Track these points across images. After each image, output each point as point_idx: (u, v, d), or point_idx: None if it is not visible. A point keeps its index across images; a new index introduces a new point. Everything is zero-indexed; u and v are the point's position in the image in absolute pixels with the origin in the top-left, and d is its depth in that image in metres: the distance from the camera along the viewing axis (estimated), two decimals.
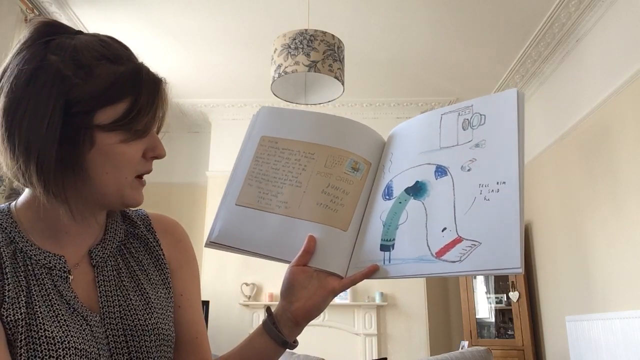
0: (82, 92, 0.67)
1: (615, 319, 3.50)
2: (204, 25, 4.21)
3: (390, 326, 5.24)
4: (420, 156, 0.80)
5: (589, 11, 3.80)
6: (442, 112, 0.82)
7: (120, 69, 0.69)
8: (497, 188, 0.70)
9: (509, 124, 0.74)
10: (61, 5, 3.91)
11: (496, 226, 0.68)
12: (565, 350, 4.21)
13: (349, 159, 0.84)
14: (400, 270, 0.74)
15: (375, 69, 4.88)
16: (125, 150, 0.70)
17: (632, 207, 3.37)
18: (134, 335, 0.72)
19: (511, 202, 0.68)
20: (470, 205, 0.71)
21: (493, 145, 0.74)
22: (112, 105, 0.68)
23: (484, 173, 0.72)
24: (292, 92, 3.21)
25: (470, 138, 0.76)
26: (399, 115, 5.68)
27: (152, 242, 0.83)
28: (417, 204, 0.76)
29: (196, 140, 6.11)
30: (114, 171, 0.70)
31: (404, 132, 0.86)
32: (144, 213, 0.86)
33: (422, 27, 4.21)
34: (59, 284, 0.70)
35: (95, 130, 0.67)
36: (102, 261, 0.76)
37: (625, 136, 3.46)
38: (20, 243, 0.71)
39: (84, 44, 0.70)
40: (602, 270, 3.73)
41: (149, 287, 0.78)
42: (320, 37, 2.85)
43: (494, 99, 0.78)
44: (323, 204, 0.81)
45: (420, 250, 0.73)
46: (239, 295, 5.24)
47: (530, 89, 5.00)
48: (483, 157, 0.74)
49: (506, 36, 4.31)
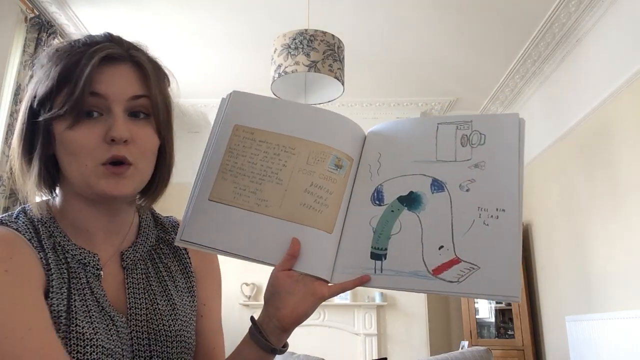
0: (42, 87, 0.70)
1: (615, 319, 3.50)
2: (204, 25, 4.20)
3: (390, 326, 5.24)
4: (415, 165, 0.78)
5: (589, 11, 3.80)
6: (439, 122, 0.80)
7: (71, 59, 0.70)
8: (497, 215, 0.71)
9: (510, 150, 0.74)
10: (61, 5, 3.90)
11: (496, 253, 0.69)
12: (565, 350, 4.21)
13: (331, 155, 0.78)
14: (394, 283, 0.72)
15: (375, 69, 4.88)
16: (74, 136, 0.68)
17: (632, 207, 3.37)
18: (158, 339, 0.73)
19: (511, 232, 0.70)
20: (468, 227, 0.72)
21: (493, 169, 0.74)
22: (60, 93, 0.69)
23: (483, 196, 0.73)
24: (292, 92, 3.21)
25: (469, 156, 0.76)
26: (399, 115, 5.68)
27: (181, 249, 0.84)
28: (412, 215, 0.75)
29: (196, 140, 6.10)
30: (73, 160, 0.69)
31: (392, 133, 0.82)
32: (174, 220, 0.88)
33: (422, 27, 4.20)
34: (92, 281, 0.71)
35: (51, 123, 0.70)
36: (132, 264, 0.77)
37: (625, 136, 3.46)
38: (59, 237, 0.72)
39: (52, 47, 0.74)
40: (602, 270, 3.73)
41: (176, 294, 0.78)
42: (320, 37, 2.85)
43: (495, 120, 0.78)
44: (306, 204, 0.76)
45: (415, 265, 0.72)
46: (239, 295, 5.24)
47: (530, 89, 4.99)
48: (482, 180, 0.74)
49: (506, 36, 4.31)
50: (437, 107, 5.65)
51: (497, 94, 5.35)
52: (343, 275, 0.75)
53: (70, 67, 0.69)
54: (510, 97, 5.32)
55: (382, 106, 5.64)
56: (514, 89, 5.17)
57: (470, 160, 0.76)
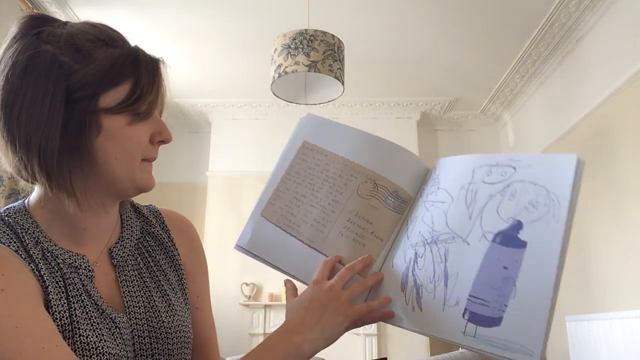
0: (84, 76, 0.65)
1: (615, 319, 3.50)
2: (204, 25, 4.21)
3: (390, 326, 5.21)
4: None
5: (589, 11, 3.80)
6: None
7: (117, 52, 0.68)
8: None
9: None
10: (61, 5, 3.91)
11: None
12: (565, 350, 4.21)
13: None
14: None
15: (375, 69, 4.88)
16: (133, 133, 0.68)
17: (632, 207, 3.37)
18: (159, 337, 0.71)
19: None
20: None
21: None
22: (115, 88, 0.66)
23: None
24: (292, 92, 3.21)
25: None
26: (399, 115, 5.68)
27: (167, 241, 0.81)
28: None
29: (196, 140, 6.11)
30: (123, 155, 0.68)
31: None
32: (154, 208, 0.85)
33: (423, 27, 4.21)
34: (87, 284, 0.68)
35: (101, 115, 0.65)
36: (122, 260, 0.74)
37: (625, 136, 3.46)
38: (45, 243, 0.67)
39: (78, 30, 0.68)
40: (602, 270, 3.73)
41: (168, 288, 0.77)
42: (320, 37, 2.85)
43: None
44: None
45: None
46: (239, 295, 5.24)
47: (530, 89, 4.99)
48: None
49: (506, 36, 4.31)
50: (437, 107, 5.65)
51: (497, 94, 5.35)
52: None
53: (149, 68, 0.70)
54: (510, 97, 5.32)
55: (382, 106, 5.64)
56: (514, 89, 5.17)
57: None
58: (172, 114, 5.75)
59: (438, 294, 0.70)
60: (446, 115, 5.80)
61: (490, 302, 0.66)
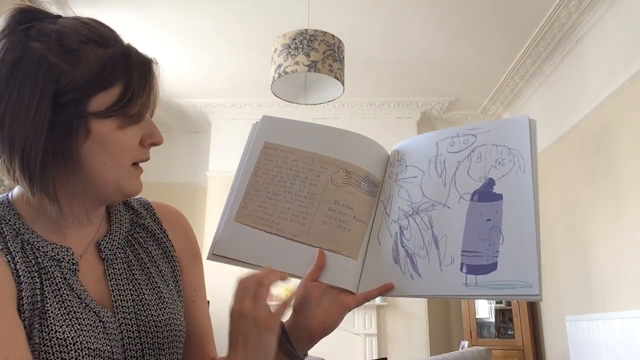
0: (73, 79, 0.62)
1: (615, 319, 3.50)
2: (204, 25, 4.20)
3: (390, 326, 5.23)
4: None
5: (589, 11, 3.80)
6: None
7: (108, 52, 0.65)
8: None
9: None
10: (61, 5, 3.91)
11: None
12: (565, 350, 4.21)
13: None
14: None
15: (375, 69, 4.88)
16: (122, 137, 0.66)
17: (633, 207, 3.37)
18: (148, 331, 0.69)
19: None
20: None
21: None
22: (105, 91, 0.64)
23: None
24: (292, 92, 3.21)
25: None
26: (399, 115, 5.68)
27: (159, 233, 0.79)
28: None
29: (196, 140, 6.11)
30: (111, 160, 0.65)
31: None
32: (145, 201, 0.83)
33: (423, 27, 4.21)
34: (69, 278, 0.65)
35: (90, 119, 0.63)
36: (111, 254, 0.72)
37: (625, 136, 3.46)
38: (26, 235, 0.65)
39: (69, 28, 0.65)
40: (602, 270, 3.73)
41: (160, 280, 0.74)
42: (320, 37, 2.85)
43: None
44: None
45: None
46: None
47: (530, 89, 5.00)
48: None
49: (506, 36, 4.31)
50: (437, 107, 5.65)
51: (497, 94, 5.35)
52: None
53: (141, 70, 0.67)
54: (510, 97, 5.32)
55: (382, 106, 5.64)
56: (514, 89, 5.17)
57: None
58: (172, 114, 5.76)
59: (432, 257, 0.75)
60: (446, 115, 5.80)
61: (482, 252, 0.72)
